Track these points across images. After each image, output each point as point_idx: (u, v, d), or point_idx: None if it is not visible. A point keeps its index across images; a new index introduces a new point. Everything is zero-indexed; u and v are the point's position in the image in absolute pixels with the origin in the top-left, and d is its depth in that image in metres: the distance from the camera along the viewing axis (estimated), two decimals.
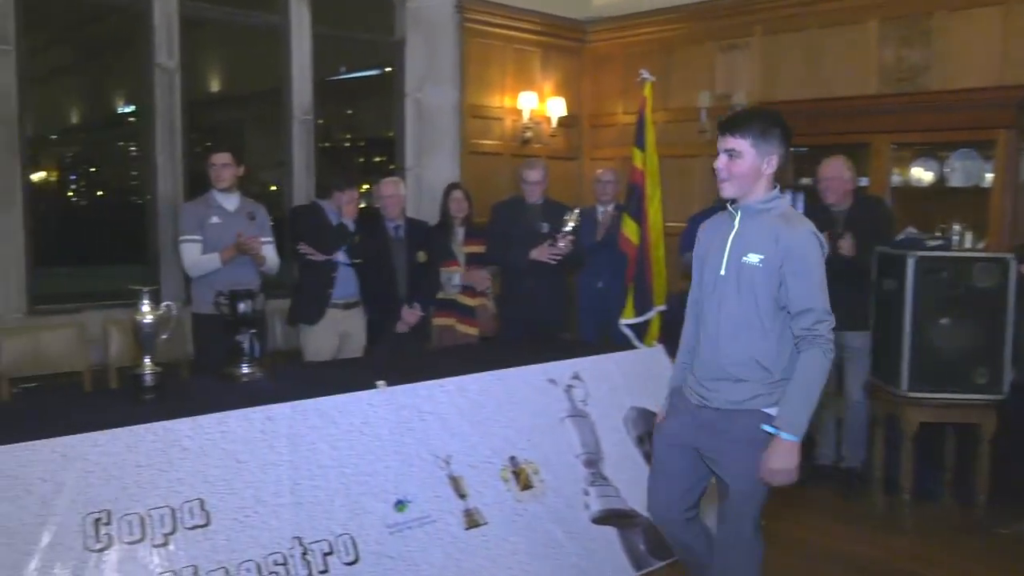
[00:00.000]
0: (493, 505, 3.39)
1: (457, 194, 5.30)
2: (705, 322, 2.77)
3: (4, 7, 4.75)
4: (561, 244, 4.96)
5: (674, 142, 6.61)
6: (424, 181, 6.55)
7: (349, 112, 8.51)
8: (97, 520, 2.59)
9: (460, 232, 5.29)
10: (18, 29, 4.81)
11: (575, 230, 5.01)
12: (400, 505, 3.17)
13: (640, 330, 5.13)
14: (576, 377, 3.93)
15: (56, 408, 3.22)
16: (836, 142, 5.43)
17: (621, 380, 4.05)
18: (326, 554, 2.92)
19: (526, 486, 3.53)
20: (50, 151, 7.97)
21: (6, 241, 4.81)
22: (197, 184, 5.23)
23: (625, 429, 3.97)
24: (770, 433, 2.62)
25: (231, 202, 4.55)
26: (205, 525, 2.75)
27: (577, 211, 5.05)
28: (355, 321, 4.86)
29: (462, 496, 3.33)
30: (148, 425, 2.79)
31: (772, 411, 2.66)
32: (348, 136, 8.45)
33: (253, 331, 3.57)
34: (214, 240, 4.43)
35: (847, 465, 4.86)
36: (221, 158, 4.47)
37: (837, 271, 4.50)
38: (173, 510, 2.71)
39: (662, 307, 5.22)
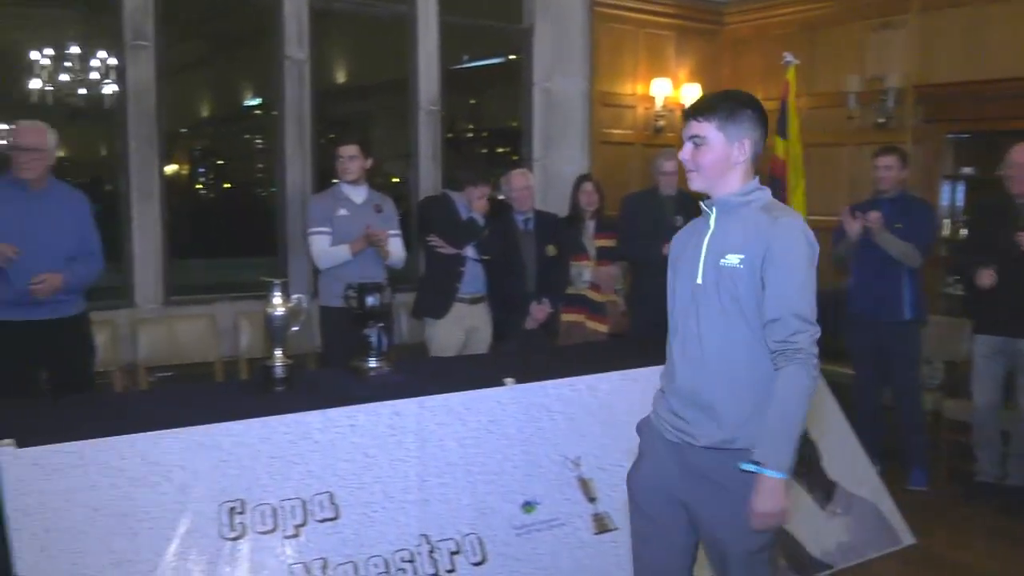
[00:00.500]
0: (624, 510, 3.36)
1: (588, 186, 5.29)
2: (684, 340, 2.41)
3: (144, 4, 5.04)
4: None
5: (819, 129, 6.40)
6: (551, 172, 6.58)
7: (472, 102, 8.61)
8: (232, 509, 2.73)
9: (591, 225, 5.28)
10: (156, 26, 5.10)
11: None
12: (528, 506, 3.20)
13: None
14: None
15: (191, 397, 3.38)
16: (1002, 128, 5.16)
17: None
18: (453, 553, 2.98)
19: None
20: (180, 144, 8.37)
21: (145, 233, 5.12)
22: (324, 176, 5.42)
23: None
24: (752, 472, 2.24)
25: (359, 194, 4.67)
26: (335, 518, 2.85)
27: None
28: (481, 316, 4.94)
29: (592, 499, 3.34)
30: (280, 417, 2.91)
31: None
32: (471, 126, 8.55)
33: (381, 325, 3.65)
34: (342, 232, 4.56)
35: (1013, 482, 4.61)
36: (348, 150, 4.59)
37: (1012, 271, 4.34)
38: (304, 502, 2.83)
39: None
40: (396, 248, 4.69)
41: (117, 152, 5.18)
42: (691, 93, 7.00)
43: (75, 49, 6.04)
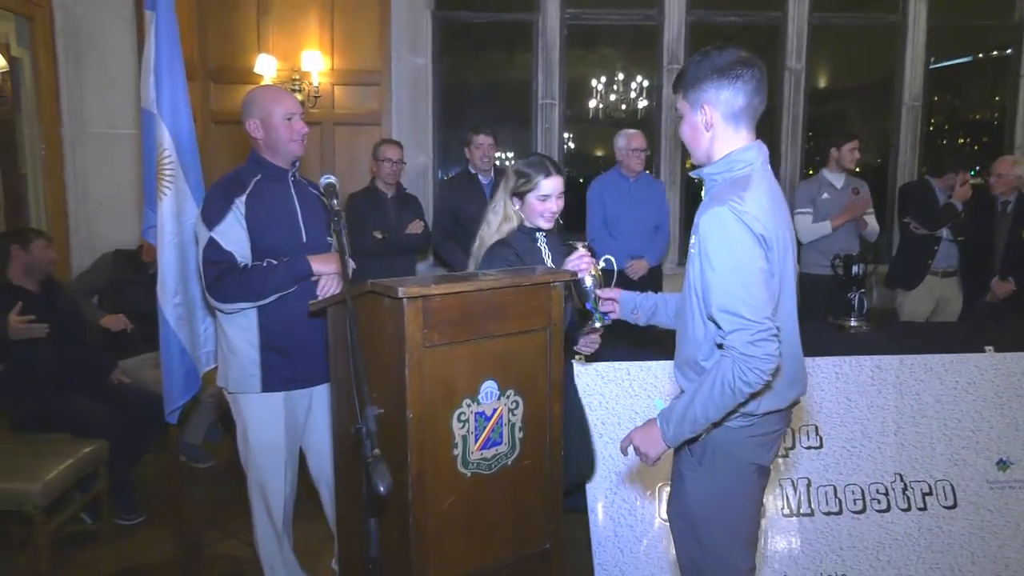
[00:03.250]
0: None
1: None
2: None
3: (678, 36, 5.19)
4: None
5: None
6: None
7: (950, 96, 7.40)
8: None
9: None
10: (687, 52, 5.21)
11: None
12: (1002, 465, 2.74)
13: None
14: None
15: None
16: None
17: None
18: (925, 494, 2.67)
19: None
20: None
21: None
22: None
23: None
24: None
25: (839, 180, 4.34)
26: (819, 447, 2.72)
27: None
28: (952, 288, 4.31)
29: None
30: None
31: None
32: (950, 118, 7.37)
33: (862, 290, 3.37)
34: (823, 213, 4.29)
35: None
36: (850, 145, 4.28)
37: None
38: (793, 431, 2.73)
39: None
40: (872, 222, 4.28)
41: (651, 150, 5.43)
42: None
43: (620, 76, 6.44)
